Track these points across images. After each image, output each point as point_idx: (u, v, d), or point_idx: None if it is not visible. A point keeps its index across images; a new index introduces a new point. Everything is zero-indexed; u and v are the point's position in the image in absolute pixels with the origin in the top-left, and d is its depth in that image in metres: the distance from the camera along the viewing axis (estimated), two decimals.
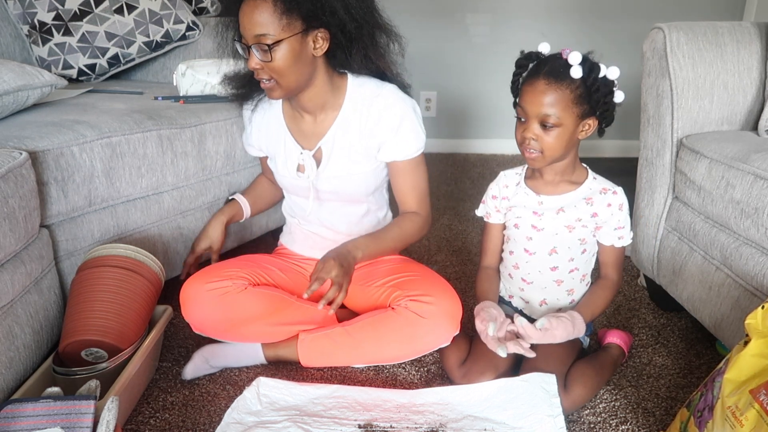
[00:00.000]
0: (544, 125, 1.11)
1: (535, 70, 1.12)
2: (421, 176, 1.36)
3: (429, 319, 1.23)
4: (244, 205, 1.51)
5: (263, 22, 1.13)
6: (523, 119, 1.14)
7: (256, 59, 1.17)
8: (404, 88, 1.34)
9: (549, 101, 1.09)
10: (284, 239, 1.53)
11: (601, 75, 1.09)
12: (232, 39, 1.26)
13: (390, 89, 1.29)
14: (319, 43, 1.20)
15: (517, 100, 1.15)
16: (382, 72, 1.31)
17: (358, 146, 1.31)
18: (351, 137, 1.31)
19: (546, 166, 1.18)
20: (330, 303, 1.16)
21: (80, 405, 0.94)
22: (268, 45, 1.14)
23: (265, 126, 1.40)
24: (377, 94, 1.28)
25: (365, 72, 1.30)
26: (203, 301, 1.27)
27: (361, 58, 1.27)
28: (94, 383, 1.01)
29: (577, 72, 1.08)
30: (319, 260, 1.20)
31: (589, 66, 1.09)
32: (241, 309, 1.28)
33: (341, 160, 1.32)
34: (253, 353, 1.31)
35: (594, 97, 1.10)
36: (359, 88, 1.30)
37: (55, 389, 1.01)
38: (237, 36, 1.23)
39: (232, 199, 1.52)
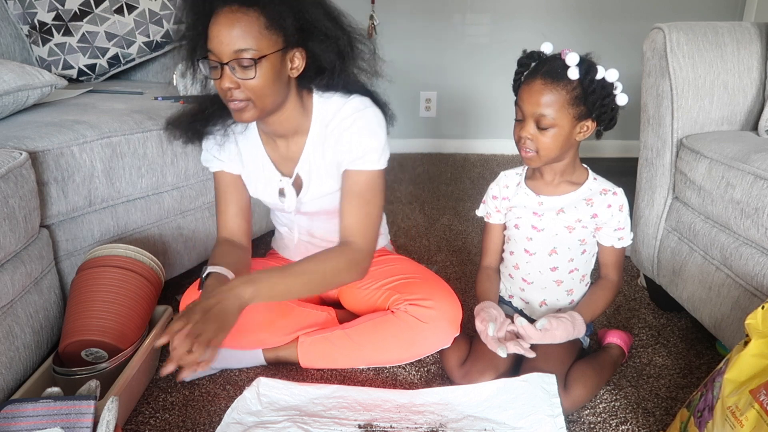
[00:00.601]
0: (540, 125, 1.11)
1: (534, 70, 1.12)
2: (373, 199, 1.19)
3: (429, 324, 1.23)
4: (226, 273, 1.19)
5: (245, 35, 1.02)
6: (520, 118, 1.14)
7: (231, 78, 1.04)
8: (378, 102, 1.24)
9: (545, 101, 1.09)
10: (276, 245, 1.49)
11: (599, 77, 1.09)
12: (192, 58, 1.11)
13: (355, 102, 1.19)
14: (295, 63, 1.11)
15: (516, 99, 1.15)
16: (361, 87, 1.22)
17: (333, 164, 1.22)
18: (325, 157, 1.22)
19: (542, 165, 1.18)
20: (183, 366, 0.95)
21: (80, 405, 0.94)
22: (254, 60, 1.03)
23: (244, 148, 1.27)
24: (341, 109, 1.18)
25: (339, 89, 1.20)
26: None
27: (338, 77, 1.17)
28: (94, 383, 1.01)
29: (573, 73, 1.08)
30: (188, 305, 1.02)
31: (587, 67, 1.09)
32: (243, 318, 1.27)
33: (321, 181, 1.24)
34: (253, 355, 1.31)
35: (590, 99, 1.10)
36: (325, 105, 1.19)
37: (55, 389, 1.00)
38: (200, 54, 1.08)
39: (210, 273, 1.19)
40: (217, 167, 1.28)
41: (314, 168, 1.23)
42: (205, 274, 1.16)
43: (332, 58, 1.14)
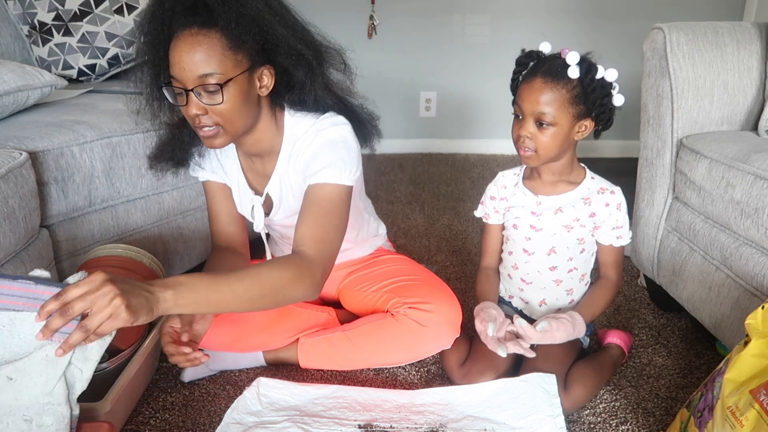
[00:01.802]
0: (539, 124, 1.11)
1: (533, 68, 1.12)
2: (332, 212, 1.08)
3: (429, 327, 1.23)
4: None
5: (209, 59, 0.96)
6: (519, 117, 1.14)
7: (198, 104, 0.99)
8: (359, 118, 1.19)
9: (545, 100, 1.09)
10: (271, 248, 1.45)
11: (598, 76, 1.09)
12: (154, 86, 1.06)
13: (324, 121, 1.12)
14: (264, 81, 1.05)
15: (515, 98, 1.15)
16: (337, 104, 1.16)
17: (301, 185, 1.16)
18: (295, 178, 1.17)
19: (540, 164, 1.18)
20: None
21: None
22: (220, 85, 0.97)
23: (224, 162, 1.24)
24: (308, 129, 1.12)
25: (311, 106, 1.13)
26: None
27: (308, 93, 1.10)
28: (80, 274, 0.89)
29: (574, 72, 1.08)
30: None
31: (587, 66, 1.09)
32: (244, 322, 1.27)
33: (290, 203, 1.21)
34: (252, 356, 1.31)
35: (590, 98, 1.10)
36: (296, 124, 1.14)
37: (45, 273, 0.88)
38: (164, 80, 1.03)
39: None
40: (204, 176, 1.25)
41: (285, 188, 1.20)
42: None
43: (300, 75, 1.08)
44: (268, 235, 1.38)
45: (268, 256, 1.35)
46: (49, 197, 1.23)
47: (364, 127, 1.20)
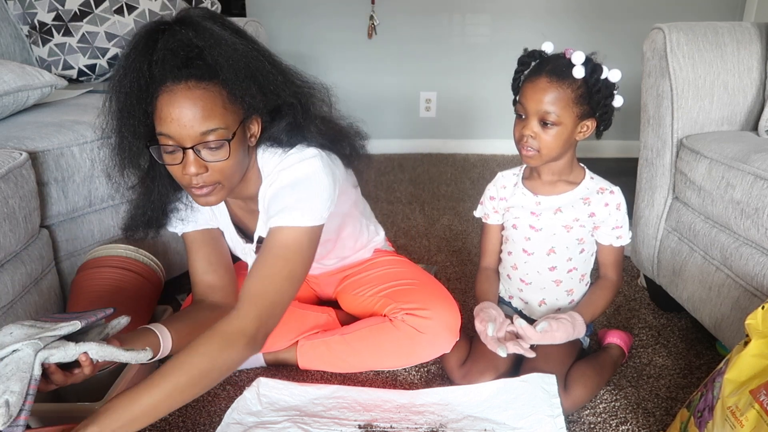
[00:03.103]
0: (543, 123, 1.11)
1: (537, 68, 1.12)
2: (284, 263, 0.98)
3: (427, 334, 1.22)
4: (158, 330, 1.02)
5: (212, 115, 0.89)
6: (523, 116, 1.14)
7: (198, 162, 0.91)
8: (339, 140, 1.10)
9: (550, 99, 1.09)
10: None
11: (603, 77, 1.09)
12: (133, 147, 0.95)
13: (292, 158, 1.02)
14: (252, 129, 0.99)
15: (518, 97, 1.15)
16: (319, 134, 1.06)
17: None
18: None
19: (541, 165, 1.18)
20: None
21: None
22: (228, 140, 0.92)
23: (214, 209, 1.17)
24: (272, 170, 1.04)
25: (286, 143, 1.04)
26: None
27: (294, 131, 1.03)
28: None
29: (579, 72, 1.08)
30: None
31: (592, 67, 1.09)
32: None
33: None
34: (252, 357, 1.30)
35: (595, 98, 1.10)
36: (265, 165, 1.05)
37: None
38: (148, 140, 0.93)
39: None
40: (184, 229, 1.15)
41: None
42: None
43: (288, 120, 1.01)
44: None
45: None
46: (49, 197, 1.23)
47: (343, 151, 1.12)
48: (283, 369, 1.31)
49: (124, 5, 1.88)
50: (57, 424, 0.92)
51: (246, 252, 1.17)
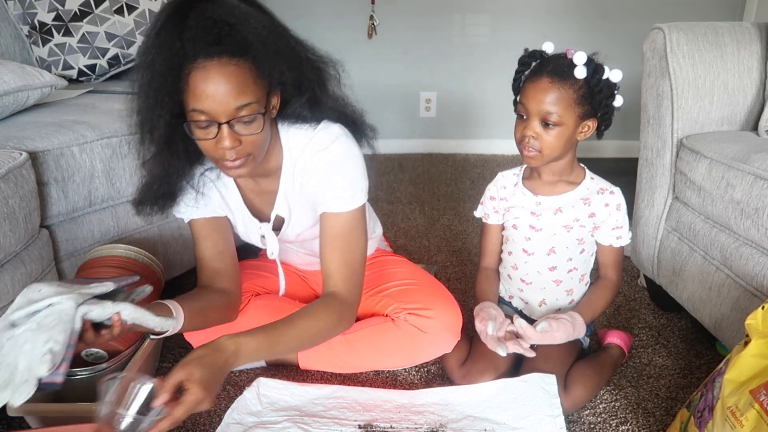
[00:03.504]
0: (545, 123, 1.11)
1: (538, 68, 1.12)
2: (355, 241, 1.11)
3: (429, 334, 1.22)
4: (171, 305, 1.02)
5: (244, 89, 0.92)
6: (524, 116, 1.14)
7: (233, 136, 0.94)
8: (354, 120, 1.15)
9: (551, 99, 1.09)
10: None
11: (604, 77, 1.09)
12: (163, 120, 0.96)
13: (322, 135, 1.08)
14: (272, 102, 1.01)
15: (519, 98, 1.15)
16: (331, 109, 1.11)
17: (308, 202, 1.14)
18: (300, 194, 1.14)
19: (543, 165, 1.18)
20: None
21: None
22: (262, 114, 0.95)
23: (224, 192, 1.18)
24: (308, 145, 1.08)
25: (307, 119, 1.08)
26: None
27: (315, 107, 1.07)
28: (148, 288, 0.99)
29: (581, 72, 1.08)
30: (187, 387, 0.85)
31: (594, 67, 1.09)
32: (245, 324, 1.26)
33: (302, 216, 1.17)
34: None
35: (596, 99, 1.10)
36: (292, 137, 1.10)
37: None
38: (172, 112, 0.95)
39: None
40: (192, 215, 1.16)
41: (294, 206, 1.16)
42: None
43: (307, 93, 1.05)
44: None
45: (281, 277, 1.32)
46: (49, 197, 1.23)
47: (358, 129, 1.17)
48: (283, 369, 1.31)
49: (124, 5, 1.88)
50: (57, 424, 0.92)
51: (262, 231, 1.19)
